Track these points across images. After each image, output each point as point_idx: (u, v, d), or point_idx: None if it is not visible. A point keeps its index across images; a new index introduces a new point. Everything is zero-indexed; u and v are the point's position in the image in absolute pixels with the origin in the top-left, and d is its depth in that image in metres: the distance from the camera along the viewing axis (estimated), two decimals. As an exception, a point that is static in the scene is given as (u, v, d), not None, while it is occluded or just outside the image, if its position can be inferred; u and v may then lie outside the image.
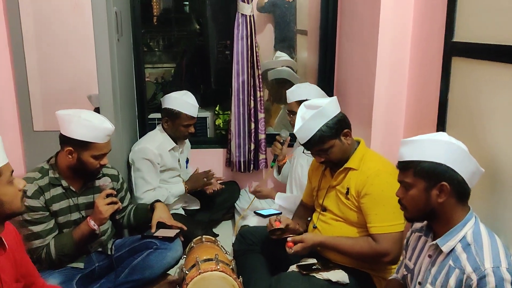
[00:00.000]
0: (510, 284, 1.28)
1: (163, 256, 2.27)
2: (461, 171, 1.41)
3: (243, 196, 3.32)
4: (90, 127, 2.05)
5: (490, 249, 1.34)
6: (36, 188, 2.05)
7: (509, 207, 1.53)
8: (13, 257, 1.60)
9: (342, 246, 1.98)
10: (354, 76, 2.90)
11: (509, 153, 1.54)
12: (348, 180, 2.03)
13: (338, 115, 2.00)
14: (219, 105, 3.94)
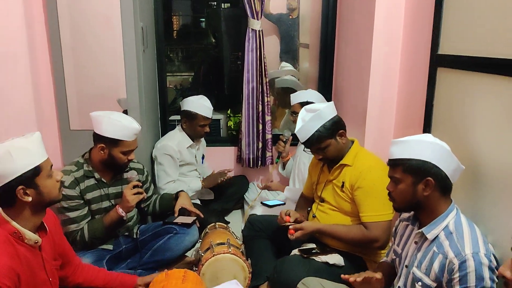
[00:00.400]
0: (488, 268, 1.27)
1: (182, 240, 2.27)
2: (444, 168, 1.40)
3: (251, 189, 3.31)
4: (120, 126, 2.05)
5: (470, 237, 1.33)
6: (73, 179, 2.06)
7: (487, 200, 1.52)
8: (52, 239, 1.61)
9: (337, 232, 1.97)
10: (350, 83, 2.88)
11: (487, 153, 1.53)
12: (343, 175, 2.03)
13: (334, 117, 2.00)
14: (231, 109, 3.93)
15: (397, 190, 1.47)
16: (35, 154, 1.42)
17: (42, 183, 1.43)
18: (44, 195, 1.45)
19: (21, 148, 1.38)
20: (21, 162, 1.37)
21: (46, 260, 1.53)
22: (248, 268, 2.08)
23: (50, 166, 1.49)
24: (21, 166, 1.38)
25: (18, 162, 1.37)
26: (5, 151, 1.35)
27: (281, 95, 3.92)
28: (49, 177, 1.47)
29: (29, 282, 1.43)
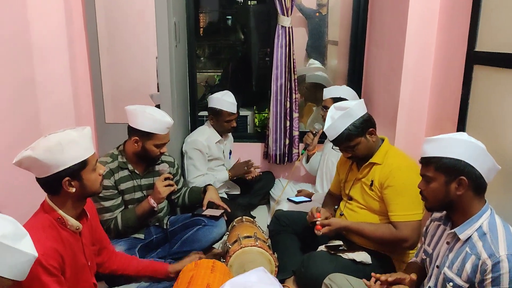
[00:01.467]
0: (522, 270, 1.23)
1: (210, 232, 2.31)
2: (478, 167, 1.36)
3: (277, 185, 3.31)
4: (154, 120, 2.10)
5: (505, 238, 1.29)
6: (108, 170, 2.11)
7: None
8: (90, 225, 1.67)
9: (365, 230, 1.95)
10: (381, 81, 2.83)
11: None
12: (372, 173, 2.00)
13: (364, 115, 1.97)
14: (256, 106, 3.95)
15: (428, 189, 1.44)
16: (84, 148, 1.46)
17: (86, 176, 1.49)
18: (87, 188, 1.50)
19: (72, 141, 1.43)
20: (70, 154, 1.42)
21: (86, 245, 1.60)
22: (275, 262, 2.09)
23: (96, 160, 1.54)
24: (70, 158, 1.43)
25: (68, 154, 1.42)
26: (57, 143, 1.40)
27: (311, 91, 3.90)
28: (93, 171, 1.52)
29: (72, 264, 1.49)
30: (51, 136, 1.43)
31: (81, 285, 1.57)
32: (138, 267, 1.90)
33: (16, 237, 0.99)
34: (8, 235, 0.97)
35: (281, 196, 2.99)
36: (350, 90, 2.76)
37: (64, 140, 1.41)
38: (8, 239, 0.96)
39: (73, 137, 1.44)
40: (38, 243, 1.13)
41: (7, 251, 0.96)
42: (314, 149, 2.99)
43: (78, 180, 1.47)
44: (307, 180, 3.28)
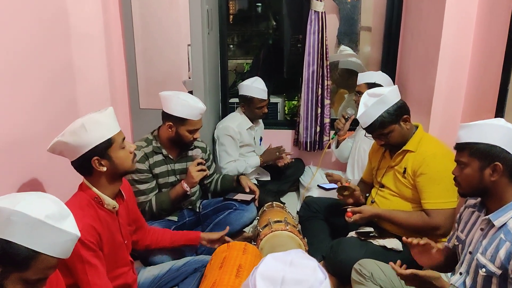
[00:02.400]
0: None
1: (241, 216, 2.39)
2: None
3: (307, 172, 3.34)
4: (187, 106, 2.17)
5: (541, 226, 1.29)
6: (143, 154, 2.21)
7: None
8: (127, 206, 1.77)
9: (397, 218, 1.97)
10: (416, 68, 2.80)
11: None
12: (405, 161, 2.00)
13: (398, 102, 1.96)
14: (286, 94, 3.97)
15: (462, 175, 1.45)
16: (107, 127, 1.52)
17: (114, 154, 1.55)
18: (118, 166, 1.57)
19: (95, 121, 1.50)
20: (94, 135, 1.49)
21: (122, 224, 1.69)
22: (305, 246, 2.14)
23: (122, 138, 1.59)
24: (95, 138, 1.50)
25: (92, 135, 1.49)
26: (80, 125, 1.48)
27: (343, 77, 3.88)
28: (122, 148, 1.57)
29: (110, 242, 1.59)
30: (77, 120, 1.51)
31: (119, 262, 1.67)
32: (171, 238, 2.01)
33: (60, 217, 1.04)
34: (52, 215, 1.01)
35: (311, 183, 3.02)
36: (385, 76, 2.74)
37: (87, 122, 1.48)
38: (53, 219, 1.01)
39: (96, 118, 1.50)
40: (76, 220, 1.20)
41: (51, 231, 1.00)
42: (345, 135, 2.99)
43: (107, 159, 1.54)
44: (338, 168, 3.29)
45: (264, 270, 0.74)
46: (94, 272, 1.46)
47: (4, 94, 1.68)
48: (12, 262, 0.97)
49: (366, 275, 1.77)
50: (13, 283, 0.98)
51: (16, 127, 1.74)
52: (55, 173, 2.02)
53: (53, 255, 1.01)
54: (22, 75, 1.80)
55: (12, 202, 0.99)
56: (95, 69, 2.52)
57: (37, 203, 1.02)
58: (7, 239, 0.96)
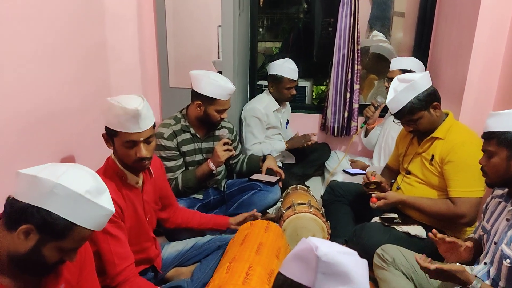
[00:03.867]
0: None
1: (265, 196, 2.43)
2: None
3: (333, 157, 3.34)
4: (217, 86, 2.21)
5: None
6: (171, 132, 2.27)
7: None
8: (155, 183, 1.82)
9: (422, 205, 1.96)
10: (448, 55, 2.73)
11: None
12: (433, 148, 1.99)
13: (429, 88, 1.93)
14: (314, 79, 3.95)
15: (490, 164, 1.44)
16: (120, 122, 1.53)
17: (117, 144, 1.59)
18: (118, 154, 1.61)
19: (115, 110, 1.52)
20: (109, 118, 1.55)
21: (146, 201, 1.75)
22: (328, 229, 2.17)
23: (130, 141, 1.55)
24: (108, 120, 1.56)
25: (109, 116, 1.54)
26: (112, 102, 1.53)
27: (373, 62, 3.83)
28: (125, 147, 1.56)
29: (132, 217, 1.66)
30: (118, 97, 1.56)
31: (141, 237, 1.75)
32: (200, 221, 2.08)
33: (97, 193, 1.08)
34: (91, 190, 1.06)
35: (336, 168, 3.03)
36: (418, 63, 2.70)
37: (113, 103, 1.53)
38: (91, 194, 1.06)
39: (116, 107, 1.51)
40: None
41: (90, 205, 1.05)
42: (374, 123, 2.97)
43: (112, 143, 1.60)
44: (364, 154, 3.29)
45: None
46: (116, 242, 1.54)
47: (43, 70, 1.77)
48: (51, 231, 1.03)
49: (388, 260, 1.79)
50: (50, 250, 1.05)
51: (52, 101, 1.84)
52: (86, 146, 2.12)
53: (89, 228, 1.08)
54: (59, 53, 1.89)
55: (54, 174, 1.04)
56: (127, 49, 2.60)
57: (78, 177, 1.07)
58: (48, 210, 1.01)
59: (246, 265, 1.61)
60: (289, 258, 0.87)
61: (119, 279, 1.53)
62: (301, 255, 0.84)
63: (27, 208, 1.01)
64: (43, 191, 1.02)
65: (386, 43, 3.76)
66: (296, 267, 0.84)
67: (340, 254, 0.82)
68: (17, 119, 1.62)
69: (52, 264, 1.09)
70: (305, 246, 0.84)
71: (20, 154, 1.63)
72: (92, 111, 2.19)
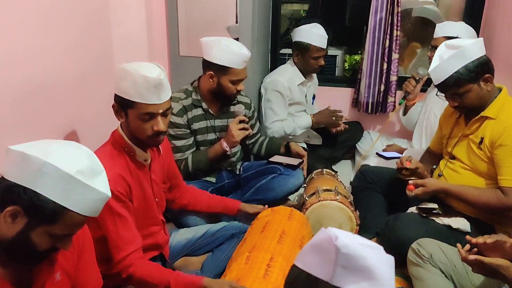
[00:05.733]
0: None
1: (286, 181, 2.44)
2: None
3: (366, 138, 3.32)
4: (230, 52, 2.20)
5: None
6: (181, 107, 2.29)
7: None
8: (163, 162, 1.87)
9: (467, 195, 1.94)
10: (505, 20, 2.65)
11: None
12: (483, 129, 1.95)
13: (481, 58, 1.87)
14: (347, 47, 3.89)
15: None
16: (137, 92, 1.55)
17: (131, 117, 1.61)
18: (130, 127, 1.64)
19: (133, 76, 1.53)
20: (123, 86, 1.56)
21: (154, 181, 1.79)
22: (356, 220, 2.18)
23: (148, 113, 1.58)
24: (122, 89, 1.57)
25: (123, 84, 1.56)
26: (127, 70, 1.55)
27: (417, 28, 3.74)
28: (141, 119, 1.59)
29: (140, 196, 1.70)
30: (135, 63, 1.58)
31: (149, 220, 1.79)
32: (209, 203, 2.11)
33: (91, 174, 1.08)
34: (84, 171, 1.06)
35: (369, 151, 3.01)
36: (469, 29, 2.62)
37: (129, 70, 1.54)
38: (83, 175, 1.06)
39: (136, 75, 1.53)
40: (106, 169, 1.27)
41: (81, 187, 1.05)
42: (415, 99, 2.92)
43: (125, 114, 1.62)
44: (403, 135, 3.25)
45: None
46: (123, 224, 1.59)
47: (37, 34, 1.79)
48: (39, 214, 1.03)
49: (424, 256, 1.79)
50: (39, 236, 1.07)
51: (48, 70, 1.86)
52: (86, 120, 2.16)
53: (81, 213, 1.08)
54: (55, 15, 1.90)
55: (44, 151, 1.04)
56: (132, 11, 2.60)
57: (69, 156, 1.07)
58: (36, 191, 1.02)
59: (267, 255, 1.65)
60: (306, 249, 0.87)
61: (124, 264, 1.58)
62: (318, 246, 0.84)
63: (13, 187, 1.03)
64: (31, 169, 1.02)
65: (432, 5, 3.66)
66: (312, 259, 0.84)
67: (362, 246, 0.81)
68: (9, 90, 1.65)
69: (44, 251, 1.10)
70: (323, 236, 0.83)
71: (13, 128, 1.66)
72: (93, 81, 2.22)
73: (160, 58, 2.92)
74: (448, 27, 2.60)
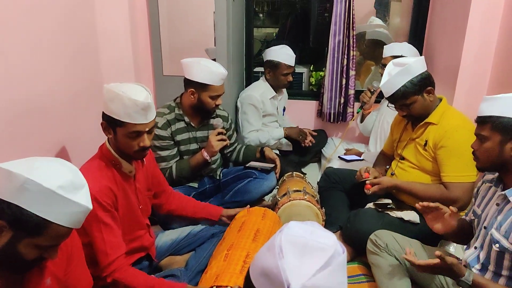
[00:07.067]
0: None
1: (260, 184, 2.45)
2: None
3: (330, 144, 3.35)
4: (208, 71, 2.21)
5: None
6: (165, 121, 2.28)
7: None
8: (146, 172, 1.84)
9: (415, 190, 1.99)
10: (443, 39, 2.74)
11: None
12: (427, 133, 2.00)
13: (423, 73, 1.93)
14: (313, 64, 3.94)
15: (482, 149, 1.45)
16: (126, 113, 1.52)
17: (119, 135, 1.58)
18: (119, 144, 1.61)
19: (122, 99, 1.50)
20: (113, 106, 1.53)
21: (139, 189, 1.76)
22: (322, 216, 2.20)
23: (136, 131, 1.56)
24: (111, 110, 1.54)
25: (112, 106, 1.53)
26: (116, 92, 1.52)
27: (370, 48, 3.82)
28: (129, 137, 1.57)
29: (125, 204, 1.67)
30: (124, 84, 1.57)
31: (135, 225, 1.76)
32: (194, 208, 2.09)
33: (73, 189, 1.05)
34: (65, 186, 1.03)
35: (332, 155, 3.05)
36: (411, 48, 2.69)
37: (118, 92, 1.51)
38: (64, 190, 1.03)
39: (125, 98, 1.50)
40: (94, 181, 1.22)
41: (63, 201, 1.02)
42: (370, 108, 2.98)
43: (114, 133, 1.59)
44: (361, 140, 3.30)
45: (289, 235, 0.77)
46: (109, 231, 1.56)
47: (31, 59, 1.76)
48: (23, 227, 1.00)
49: (381, 245, 1.82)
50: (26, 247, 1.03)
51: (41, 91, 1.83)
52: (77, 137, 2.12)
53: (64, 225, 1.05)
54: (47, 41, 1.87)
55: (28, 168, 1.01)
56: (119, 35, 2.57)
57: (52, 172, 1.04)
58: (19, 205, 0.99)
59: (244, 253, 1.64)
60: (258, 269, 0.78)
61: (111, 269, 1.55)
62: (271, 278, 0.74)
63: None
64: (15, 186, 0.99)
65: (382, 28, 3.74)
66: (266, 285, 0.75)
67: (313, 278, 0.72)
68: (4, 110, 1.61)
69: (32, 260, 1.07)
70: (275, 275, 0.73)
71: (7, 146, 1.61)
72: (83, 101, 2.20)
73: (146, 78, 2.91)
74: (394, 48, 2.67)
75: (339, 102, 3.30)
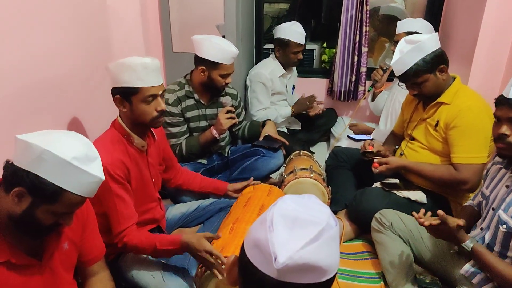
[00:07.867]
0: None
1: (268, 162, 2.45)
2: None
3: (339, 123, 3.33)
4: (219, 49, 2.19)
5: None
6: (175, 98, 2.28)
7: None
8: (158, 147, 1.87)
9: (424, 170, 1.96)
10: (461, 15, 2.64)
11: None
12: (439, 113, 1.96)
13: (436, 50, 1.87)
14: (326, 42, 3.86)
15: None
16: (139, 77, 1.55)
17: (136, 103, 1.60)
18: (136, 114, 1.63)
19: (130, 67, 1.54)
20: (124, 77, 1.56)
21: (151, 164, 1.79)
22: (328, 194, 2.20)
23: (151, 95, 1.59)
24: (124, 80, 1.57)
25: (123, 75, 1.56)
26: (122, 62, 1.55)
27: (384, 24, 3.72)
28: (146, 102, 1.59)
29: (137, 178, 1.70)
30: (129, 58, 1.58)
31: (147, 198, 1.80)
32: (201, 183, 2.13)
33: (86, 160, 1.10)
34: (79, 157, 1.08)
35: (342, 134, 3.03)
36: (426, 24, 2.60)
37: (126, 62, 1.55)
38: (79, 161, 1.08)
39: (134, 64, 1.54)
40: (106, 153, 1.27)
41: (77, 171, 1.08)
42: (382, 87, 2.92)
43: (129, 103, 1.61)
44: (371, 120, 3.26)
45: (281, 208, 0.77)
46: (122, 203, 1.60)
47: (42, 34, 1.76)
48: (41, 194, 1.07)
49: (385, 224, 1.82)
50: (43, 213, 1.10)
51: (53, 67, 1.84)
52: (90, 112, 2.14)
53: (77, 193, 1.11)
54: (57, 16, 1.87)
55: (45, 140, 1.07)
56: (129, 12, 2.55)
57: (67, 144, 1.09)
58: (37, 174, 1.06)
59: (248, 226, 1.65)
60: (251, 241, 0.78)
61: (122, 236, 1.60)
62: (261, 249, 0.74)
63: (18, 171, 1.06)
64: (33, 156, 1.05)
65: (397, 3, 3.63)
66: (257, 255, 0.75)
67: (300, 251, 0.71)
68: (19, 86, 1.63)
69: (49, 226, 1.14)
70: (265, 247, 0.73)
71: (29, 120, 1.66)
72: (94, 77, 2.20)
73: (155, 55, 2.88)
74: (407, 24, 2.59)
75: (350, 80, 3.24)
